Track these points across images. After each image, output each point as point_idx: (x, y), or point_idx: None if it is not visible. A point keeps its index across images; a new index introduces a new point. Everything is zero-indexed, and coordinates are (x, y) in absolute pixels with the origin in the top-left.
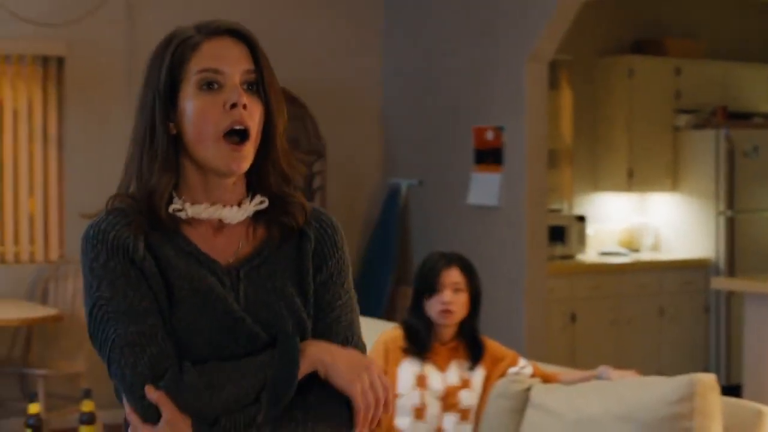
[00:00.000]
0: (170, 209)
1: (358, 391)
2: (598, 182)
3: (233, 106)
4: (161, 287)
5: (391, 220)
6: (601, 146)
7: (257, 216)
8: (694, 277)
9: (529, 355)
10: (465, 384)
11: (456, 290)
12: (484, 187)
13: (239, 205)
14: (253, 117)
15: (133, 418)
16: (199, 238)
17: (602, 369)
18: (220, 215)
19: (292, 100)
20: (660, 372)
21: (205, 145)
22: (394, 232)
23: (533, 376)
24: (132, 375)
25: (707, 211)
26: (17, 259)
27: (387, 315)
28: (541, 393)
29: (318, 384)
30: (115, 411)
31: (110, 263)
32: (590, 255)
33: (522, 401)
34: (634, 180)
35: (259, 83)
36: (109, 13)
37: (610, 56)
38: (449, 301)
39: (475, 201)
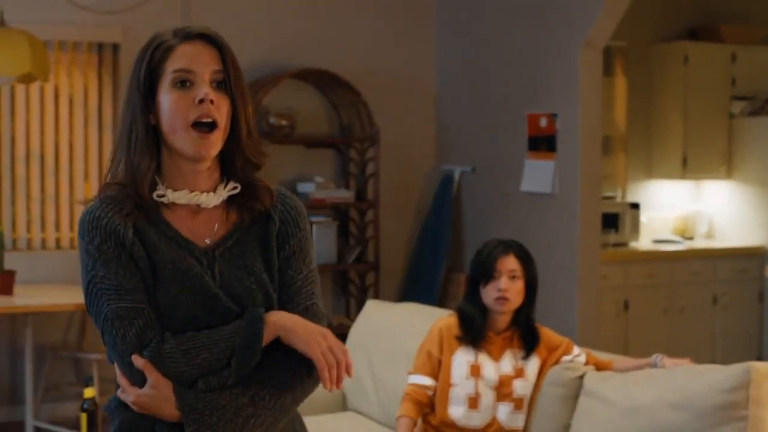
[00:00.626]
0: (154, 195)
1: (317, 351)
2: (652, 169)
3: (201, 101)
4: (147, 268)
5: (443, 207)
6: (655, 133)
7: (231, 200)
8: (748, 265)
9: (582, 343)
10: (519, 373)
11: (512, 277)
12: (538, 174)
13: (214, 191)
14: (220, 110)
15: (123, 381)
16: (178, 221)
17: (656, 357)
18: (198, 201)
19: (345, 86)
20: (713, 361)
21: (178, 133)
22: (447, 219)
23: (587, 363)
24: (122, 344)
25: (762, 198)
26: (72, 245)
27: (439, 302)
28: (594, 380)
29: (282, 349)
30: None
31: (104, 246)
32: (644, 242)
33: (575, 389)
34: (688, 167)
35: (227, 82)
36: (164, 0)
37: (665, 43)
38: (505, 288)
39: (529, 188)
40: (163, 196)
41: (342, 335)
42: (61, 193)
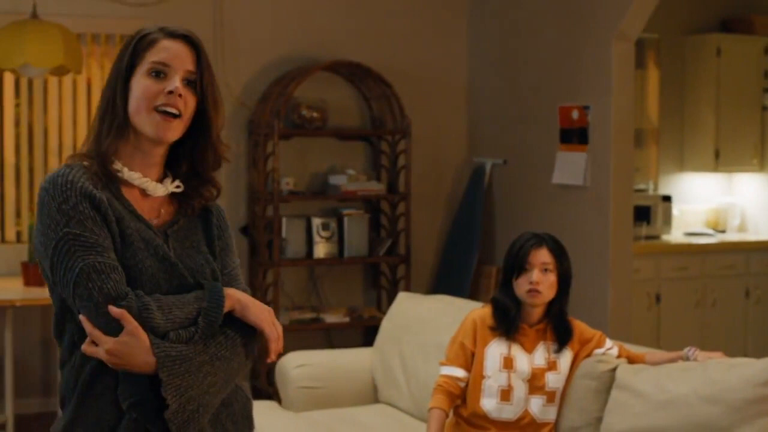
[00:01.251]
0: (112, 168)
1: (267, 324)
2: (684, 162)
3: (171, 92)
4: (116, 233)
5: (475, 199)
6: (687, 126)
7: (173, 196)
8: None
9: (614, 336)
10: (551, 366)
11: (545, 270)
12: (570, 167)
13: (161, 181)
14: (186, 104)
15: (96, 333)
16: (132, 198)
17: (689, 350)
18: (146, 186)
19: (376, 78)
20: (745, 354)
21: (142, 115)
22: (479, 211)
23: (619, 356)
24: (99, 295)
25: None
26: None
27: (471, 295)
28: (626, 373)
29: (233, 318)
30: None
31: (80, 206)
32: (676, 235)
33: (607, 382)
34: (720, 160)
35: (198, 82)
36: None
37: (698, 35)
38: (537, 280)
39: (560, 180)
40: (119, 171)
41: (373, 327)
42: None
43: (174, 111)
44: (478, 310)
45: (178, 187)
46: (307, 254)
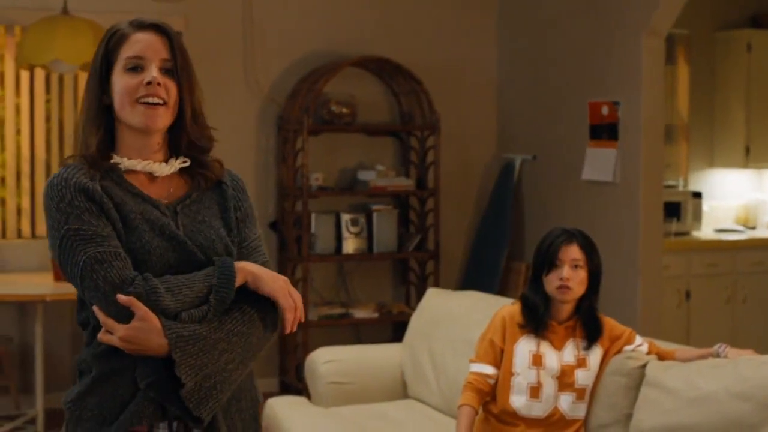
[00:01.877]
0: (111, 163)
1: (282, 294)
2: (714, 158)
3: (149, 83)
4: (116, 219)
5: (504, 195)
6: (717, 122)
7: (183, 171)
8: None
9: (643, 333)
10: (581, 363)
11: (575, 267)
12: (599, 163)
13: (166, 162)
14: (168, 91)
15: (109, 322)
16: (138, 183)
17: (719, 347)
18: (151, 168)
19: (406, 74)
20: None
21: (127, 109)
22: (508, 207)
23: (649, 353)
24: (104, 284)
25: None
26: None
27: (500, 291)
28: (656, 370)
29: (248, 292)
30: None
31: (75, 201)
32: (706, 232)
33: (637, 378)
34: (751, 156)
35: (174, 68)
36: None
37: (728, 31)
38: (567, 276)
39: (590, 177)
40: (119, 163)
41: (402, 323)
42: None
43: (156, 100)
44: (507, 307)
45: (184, 162)
46: (336, 250)
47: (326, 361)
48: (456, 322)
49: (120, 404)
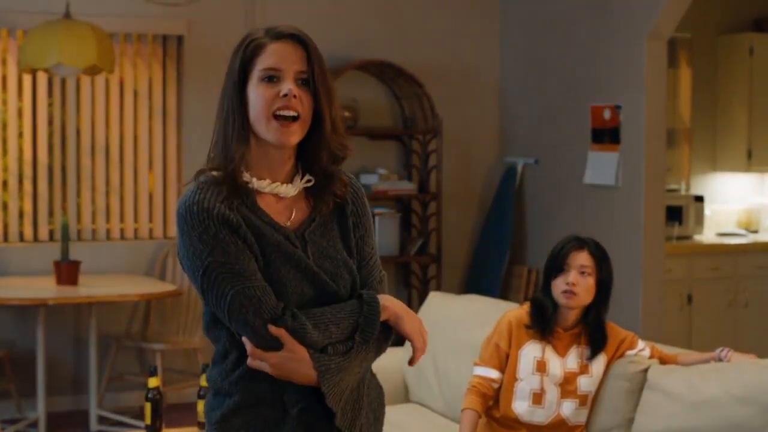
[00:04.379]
0: (241, 181)
1: (417, 336)
2: (716, 162)
3: (285, 95)
4: (258, 252)
5: (506, 199)
6: (720, 126)
7: (307, 190)
8: None
9: (645, 336)
10: (584, 370)
11: (582, 273)
12: (601, 167)
13: (291, 181)
14: (303, 104)
15: (258, 352)
16: (265, 204)
17: (721, 351)
18: (278, 191)
19: (408, 78)
20: None
21: (262, 122)
22: (510, 211)
23: (651, 357)
24: (254, 319)
25: None
26: (137, 236)
27: (502, 294)
28: (658, 374)
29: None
30: None
31: (220, 234)
32: (708, 236)
33: (639, 382)
34: (753, 160)
35: (310, 80)
36: None
37: (730, 34)
38: (573, 282)
39: (592, 180)
40: (248, 182)
41: None
42: (125, 184)
43: (291, 113)
44: (514, 311)
45: (309, 181)
46: None
47: None
48: (458, 325)
49: (267, 427)
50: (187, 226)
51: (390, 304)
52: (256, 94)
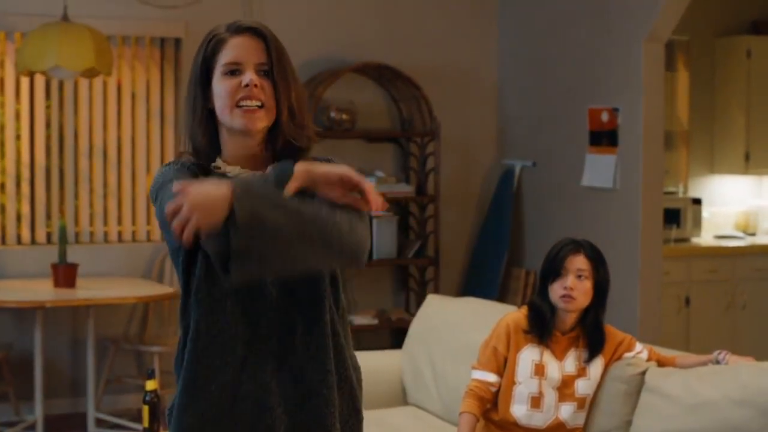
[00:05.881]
0: (212, 166)
1: (347, 171)
2: (714, 165)
3: (246, 85)
4: None
5: (504, 201)
6: (717, 128)
7: None
8: None
9: (643, 339)
10: (581, 373)
11: (580, 277)
12: (599, 169)
13: (264, 170)
14: (265, 92)
15: (173, 206)
16: None
17: (719, 354)
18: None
19: (406, 81)
20: None
21: (226, 112)
22: (508, 213)
23: (649, 360)
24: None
25: None
26: (134, 238)
27: (500, 297)
28: (656, 377)
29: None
30: None
31: (179, 174)
32: (706, 238)
33: (637, 385)
34: (751, 162)
35: (270, 70)
36: None
37: (728, 37)
38: (571, 286)
39: (590, 183)
40: (219, 168)
41: (402, 330)
42: (123, 187)
43: (254, 103)
44: (512, 314)
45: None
46: None
47: None
48: (456, 328)
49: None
50: (157, 175)
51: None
52: (220, 86)
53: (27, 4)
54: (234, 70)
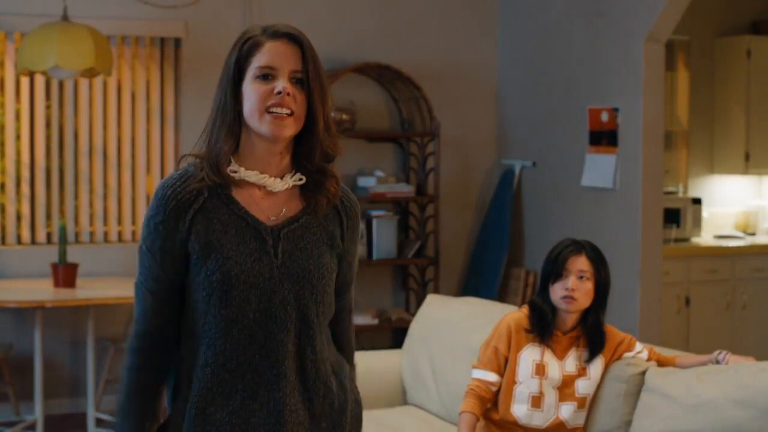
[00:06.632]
0: (228, 170)
1: None
2: (714, 164)
3: (279, 92)
4: (196, 250)
5: (504, 201)
6: (717, 128)
7: (300, 188)
8: None
9: (643, 339)
10: (582, 373)
11: (581, 278)
12: (599, 169)
13: (282, 177)
14: (296, 102)
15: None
16: (248, 199)
17: (719, 353)
18: (265, 182)
19: (406, 81)
20: None
21: (256, 117)
22: (507, 213)
23: (649, 359)
24: (136, 311)
25: None
26: (134, 239)
27: (499, 297)
28: (656, 376)
29: None
30: None
31: (161, 226)
32: (705, 238)
33: (637, 385)
34: (751, 162)
35: (304, 79)
36: None
37: (728, 37)
38: (572, 287)
39: (590, 183)
40: (235, 172)
41: (402, 329)
42: (123, 187)
43: (284, 111)
44: (513, 314)
45: (300, 179)
46: None
47: None
48: (456, 328)
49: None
50: (152, 202)
51: None
52: (251, 90)
53: (27, 4)
54: (267, 75)
